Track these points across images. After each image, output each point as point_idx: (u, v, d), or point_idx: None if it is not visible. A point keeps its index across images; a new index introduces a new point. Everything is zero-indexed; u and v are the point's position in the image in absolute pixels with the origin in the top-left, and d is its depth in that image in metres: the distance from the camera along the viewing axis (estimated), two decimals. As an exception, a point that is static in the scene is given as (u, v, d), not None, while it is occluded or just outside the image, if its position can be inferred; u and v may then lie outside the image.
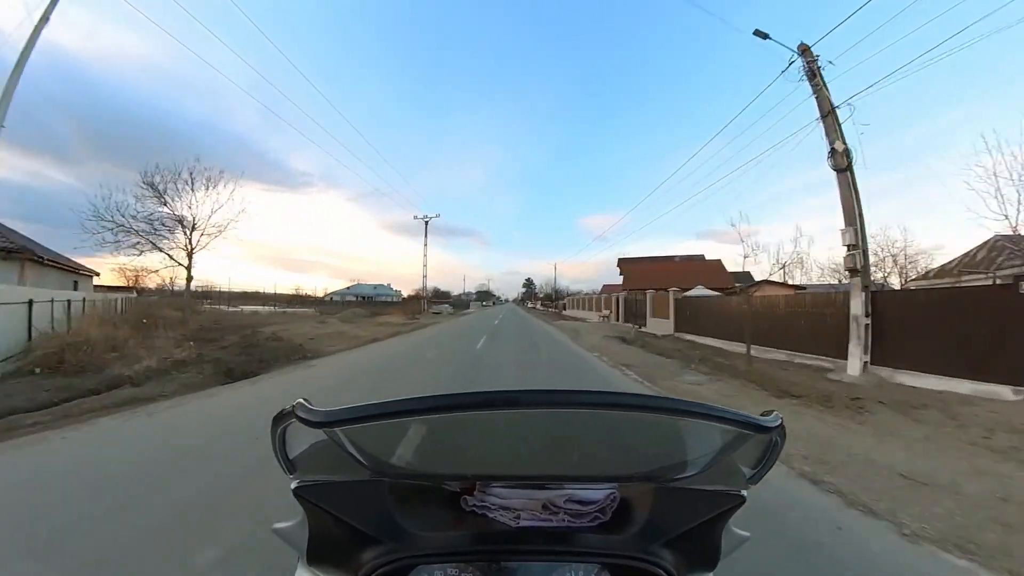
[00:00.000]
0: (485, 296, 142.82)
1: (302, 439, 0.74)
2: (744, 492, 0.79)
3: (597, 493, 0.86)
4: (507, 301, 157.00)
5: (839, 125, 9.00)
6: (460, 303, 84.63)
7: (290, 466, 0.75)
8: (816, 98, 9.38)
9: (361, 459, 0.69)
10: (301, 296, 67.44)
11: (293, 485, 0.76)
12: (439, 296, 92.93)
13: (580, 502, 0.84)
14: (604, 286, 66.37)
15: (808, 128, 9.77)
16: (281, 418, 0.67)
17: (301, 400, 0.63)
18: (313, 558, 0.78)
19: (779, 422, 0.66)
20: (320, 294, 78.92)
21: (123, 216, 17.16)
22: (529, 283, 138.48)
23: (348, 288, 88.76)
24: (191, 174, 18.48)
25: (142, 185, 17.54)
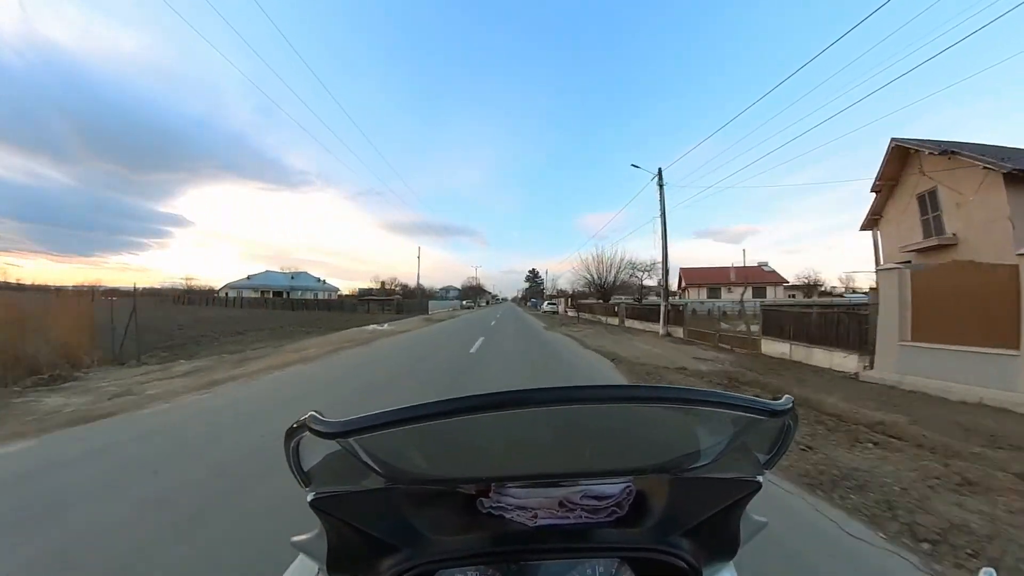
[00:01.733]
0: (474, 294, 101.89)
1: (315, 451, 0.74)
2: (760, 478, 0.79)
3: (613, 487, 0.86)
4: (504, 300, 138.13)
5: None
6: (410, 305, 44.92)
7: (305, 479, 0.75)
8: None
9: (375, 467, 0.69)
10: (193, 289, 50.35)
11: (309, 498, 0.76)
12: (407, 293, 60.08)
13: (596, 497, 0.85)
14: (684, 270, 45.74)
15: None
16: (294, 431, 0.67)
17: (313, 412, 0.63)
18: (333, 569, 0.78)
19: (790, 405, 0.66)
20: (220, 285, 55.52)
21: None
22: (534, 275, 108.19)
23: (249, 278, 59.48)
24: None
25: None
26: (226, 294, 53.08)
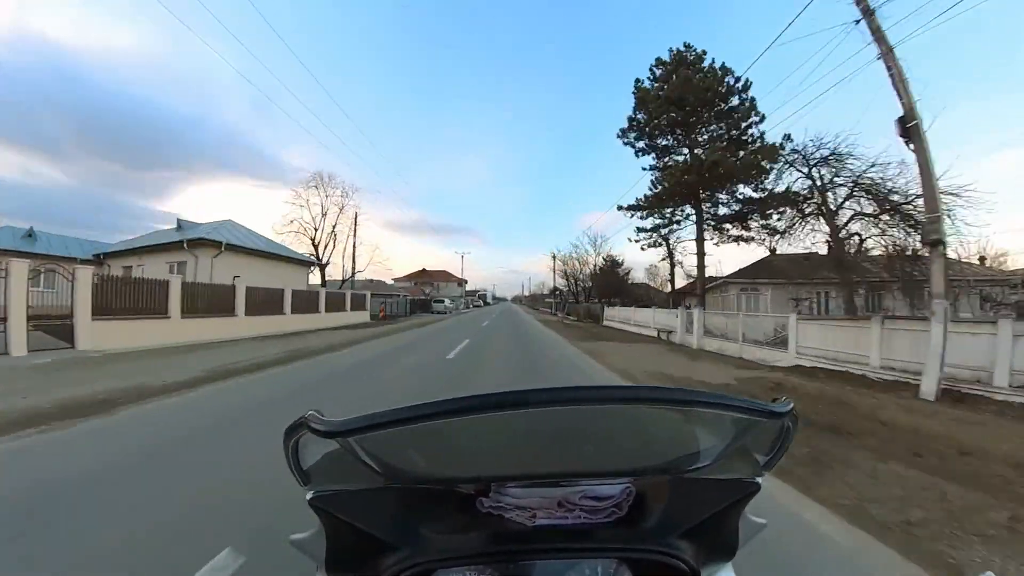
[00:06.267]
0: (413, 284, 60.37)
1: (315, 450, 0.74)
2: (759, 480, 0.79)
3: (612, 488, 0.86)
4: (496, 301, 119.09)
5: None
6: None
7: (304, 477, 0.75)
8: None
9: (375, 467, 0.69)
10: None
11: (308, 496, 0.76)
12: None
13: (595, 498, 0.84)
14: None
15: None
16: (293, 430, 0.67)
17: (313, 411, 0.63)
18: (332, 568, 0.78)
19: (790, 407, 0.66)
20: None
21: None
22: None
23: None
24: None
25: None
26: None
